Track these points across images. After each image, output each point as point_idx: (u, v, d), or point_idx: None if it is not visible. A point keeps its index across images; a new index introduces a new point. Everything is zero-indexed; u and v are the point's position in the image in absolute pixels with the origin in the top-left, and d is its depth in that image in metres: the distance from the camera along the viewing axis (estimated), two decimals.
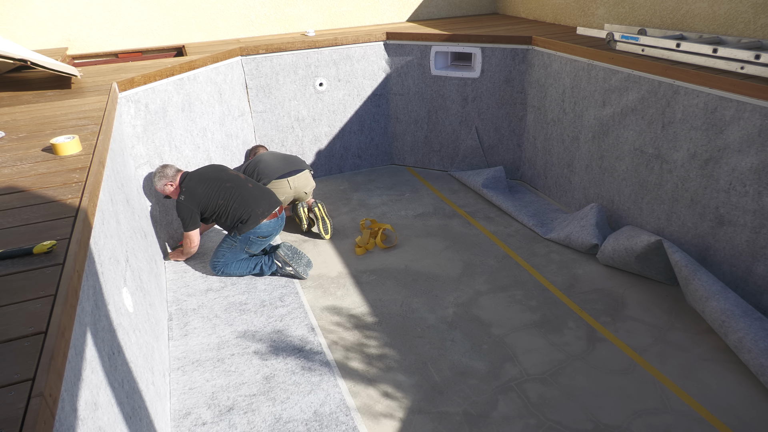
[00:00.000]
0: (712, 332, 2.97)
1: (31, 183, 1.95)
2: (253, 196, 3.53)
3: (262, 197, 3.56)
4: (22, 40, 4.35)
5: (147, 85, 3.57)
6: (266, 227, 3.52)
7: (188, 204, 3.43)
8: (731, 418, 2.44)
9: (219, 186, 3.50)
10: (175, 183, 3.54)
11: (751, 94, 2.75)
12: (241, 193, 3.51)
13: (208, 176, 3.54)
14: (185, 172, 3.60)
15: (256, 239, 3.53)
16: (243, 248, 3.56)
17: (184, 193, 3.45)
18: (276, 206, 3.59)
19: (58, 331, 1.18)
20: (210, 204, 3.47)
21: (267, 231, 3.54)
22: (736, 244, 3.00)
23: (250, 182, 3.62)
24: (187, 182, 3.49)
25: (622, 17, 4.39)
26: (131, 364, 1.97)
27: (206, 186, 3.49)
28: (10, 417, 0.96)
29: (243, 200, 3.48)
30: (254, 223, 3.47)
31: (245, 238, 3.52)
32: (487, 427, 2.44)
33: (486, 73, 4.68)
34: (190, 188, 3.47)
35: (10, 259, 1.47)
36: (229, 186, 3.51)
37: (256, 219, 3.47)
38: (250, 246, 3.56)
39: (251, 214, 3.47)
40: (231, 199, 3.48)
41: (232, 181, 3.54)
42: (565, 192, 4.43)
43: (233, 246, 3.56)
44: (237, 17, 5.03)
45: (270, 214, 3.53)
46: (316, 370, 2.79)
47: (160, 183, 3.52)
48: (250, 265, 3.61)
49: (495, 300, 3.32)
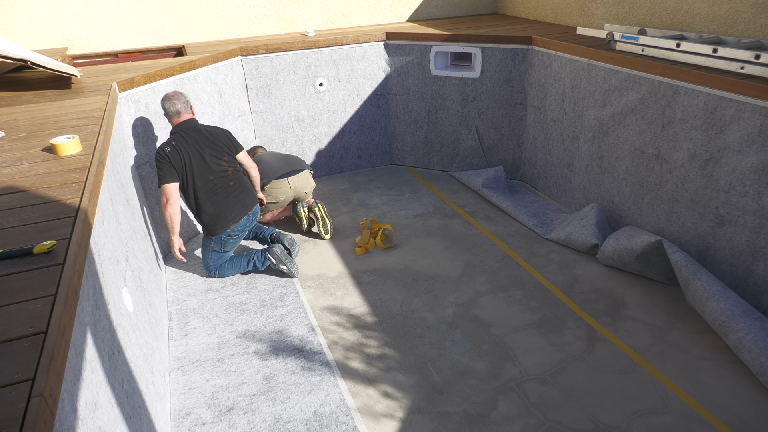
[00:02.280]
0: (712, 332, 2.97)
1: (31, 183, 1.95)
2: (229, 199, 3.42)
3: (237, 200, 3.46)
4: (22, 40, 4.36)
5: (147, 85, 3.57)
6: (237, 227, 3.48)
7: (166, 156, 3.21)
8: (731, 418, 2.44)
9: (199, 175, 3.31)
10: (171, 120, 3.36)
11: (751, 94, 2.75)
12: (218, 192, 3.37)
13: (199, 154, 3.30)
14: (186, 122, 3.36)
15: (228, 238, 3.50)
16: (221, 248, 3.52)
17: (168, 145, 3.24)
18: (249, 208, 3.53)
19: (58, 331, 1.18)
20: (184, 181, 3.29)
21: (237, 230, 3.49)
22: (736, 244, 3.00)
23: (232, 180, 3.45)
24: (178, 136, 3.28)
25: (622, 17, 4.39)
26: (131, 364, 1.97)
27: (189, 162, 3.27)
28: (10, 417, 0.96)
29: (217, 200, 3.37)
30: (224, 227, 3.43)
31: (218, 239, 3.48)
32: (487, 427, 2.44)
33: (486, 73, 4.68)
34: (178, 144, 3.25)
35: (10, 259, 1.47)
36: (212, 179, 3.35)
37: (226, 222, 3.42)
38: (225, 245, 3.52)
39: (225, 218, 3.41)
40: (207, 193, 3.34)
41: (214, 174, 3.36)
42: (565, 192, 4.43)
43: (211, 248, 3.52)
44: (237, 17, 5.03)
45: (241, 217, 3.47)
46: (316, 370, 2.79)
47: (182, 102, 3.34)
48: (242, 263, 3.60)
49: (495, 300, 3.32)
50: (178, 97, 3.36)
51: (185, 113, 3.39)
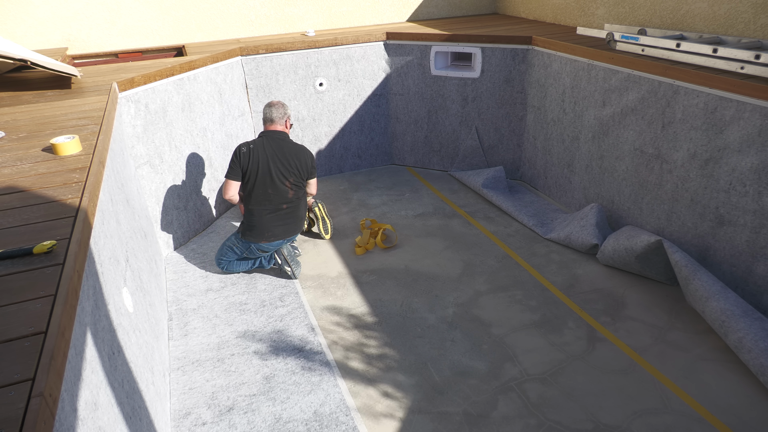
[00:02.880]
0: (712, 332, 2.97)
1: (31, 183, 1.95)
2: (275, 220, 3.46)
3: (282, 224, 3.49)
4: (22, 40, 4.36)
5: (147, 85, 3.57)
6: (268, 245, 3.52)
7: (236, 157, 3.35)
8: (731, 418, 2.44)
9: (262, 186, 3.38)
10: (264, 125, 3.53)
11: (751, 94, 2.75)
12: (268, 210, 3.43)
13: (267, 166, 3.38)
14: (274, 131, 3.47)
15: (256, 250, 3.54)
16: (243, 251, 3.57)
17: (246, 145, 3.37)
18: (290, 235, 3.55)
19: (58, 331, 1.18)
20: (246, 181, 3.39)
21: (268, 247, 3.53)
22: (736, 244, 3.00)
23: (287, 203, 3.48)
24: (260, 140, 3.42)
25: (622, 17, 4.39)
26: (131, 364, 1.97)
27: (258, 167, 3.36)
28: (10, 417, 0.96)
29: (264, 217, 3.43)
30: (258, 240, 3.47)
31: (246, 245, 3.53)
32: (487, 427, 2.44)
33: (486, 73, 4.68)
34: (254, 149, 3.37)
35: (10, 259, 1.47)
36: (270, 193, 3.41)
37: (261, 237, 3.46)
38: (249, 252, 3.57)
39: (261, 232, 3.45)
40: (259, 206, 3.42)
41: (273, 190, 3.41)
42: (565, 192, 4.43)
43: (235, 246, 3.56)
44: (237, 17, 5.03)
45: (277, 239, 3.50)
46: (316, 370, 2.79)
47: (279, 113, 3.49)
48: (249, 262, 3.64)
49: (495, 300, 3.32)
50: (278, 107, 3.51)
51: (278, 124, 3.52)
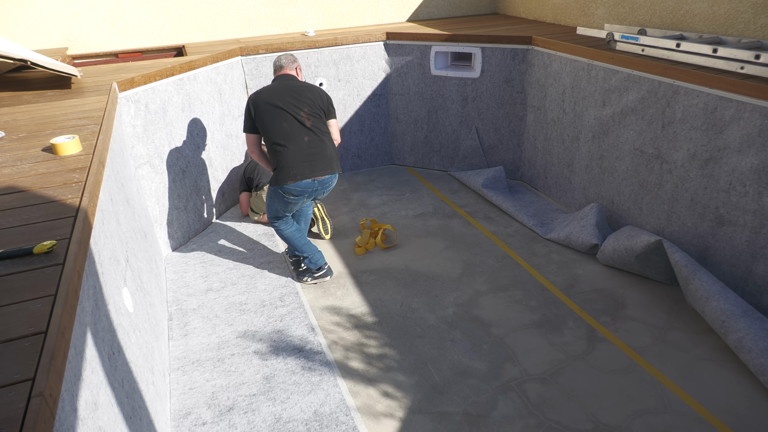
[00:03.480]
0: (712, 332, 2.97)
1: (31, 183, 1.95)
2: (297, 154, 3.18)
3: (306, 159, 3.20)
4: (22, 40, 4.35)
5: (147, 85, 3.57)
6: (295, 186, 3.21)
7: (249, 106, 3.25)
8: (731, 418, 2.44)
9: (275, 123, 3.20)
10: (274, 75, 3.45)
11: (751, 94, 2.75)
12: (288, 145, 3.18)
13: (279, 101, 3.22)
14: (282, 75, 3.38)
15: (283, 195, 3.26)
16: (277, 200, 3.32)
17: (254, 94, 3.26)
18: (318, 173, 3.22)
19: (58, 331, 1.18)
20: (262, 126, 3.23)
21: (296, 191, 3.23)
22: (736, 244, 3.00)
23: (308, 135, 3.22)
24: (270, 86, 3.30)
25: (622, 17, 4.39)
26: (131, 364, 1.97)
27: (268, 109, 3.20)
28: (10, 417, 0.96)
29: (285, 152, 3.17)
30: (285, 180, 3.18)
31: (275, 191, 3.28)
32: (487, 427, 2.44)
33: (486, 73, 4.68)
34: (260, 93, 3.25)
35: (10, 259, 1.47)
36: (284, 128, 3.18)
37: (287, 177, 3.18)
38: (279, 201, 3.30)
39: (287, 171, 3.17)
40: (281, 144, 3.18)
41: (288, 123, 3.19)
42: (565, 192, 4.43)
43: (271, 196, 3.36)
44: (237, 17, 5.03)
45: (304, 177, 3.20)
46: (316, 370, 2.79)
47: (288, 59, 3.44)
48: (304, 243, 3.50)
49: (495, 300, 3.32)
50: (287, 56, 3.46)
51: (287, 69, 3.42)
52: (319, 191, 3.33)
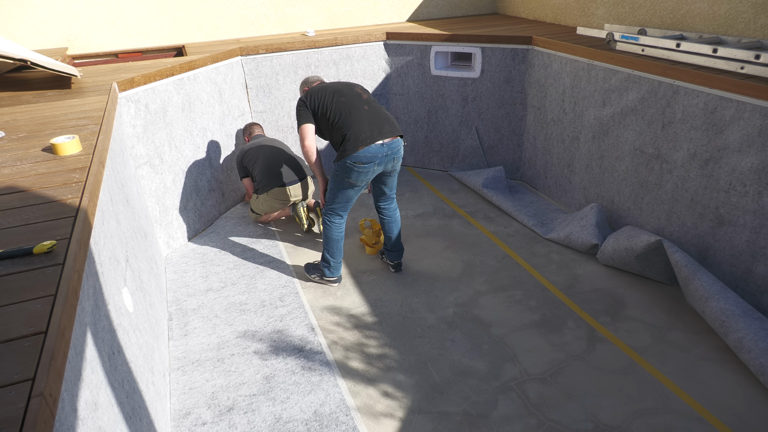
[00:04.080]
0: (712, 332, 2.97)
1: (31, 183, 1.95)
2: (362, 119, 3.14)
3: (370, 124, 3.13)
4: (22, 40, 4.36)
5: (147, 85, 3.57)
6: (366, 152, 3.07)
7: (302, 102, 3.32)
8: (731, 418, 2.44)
9: (333, 99, 3.23)
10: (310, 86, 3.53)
11: (751, 94, 2.75)
12: (351, 113, 3.15)
13: (331, 87, 3.32)
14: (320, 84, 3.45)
15: (353, 165, 3.10)
16: (344, 179, 3.18)
17: (304, 95, 3.38)
18: (386, 135, 3.13)
19: (58, 331, 1.18)
20: (319, 111, 3.26)
21: (366, 158, 3.08)
22: (736, 244, 3.00)
23: (367, 104, 3.23)
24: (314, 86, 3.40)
25: (622, 17, 4.39)
26: (131, 364, 1.97)
27: (323, 93, 3.29)
28: (10, 417, 0.96)
29: (350, 120, 3.13)
30: (353, 148, 3.06)
31: (343, 165, 3.13)
32: (487, 427, 2.44)
33: (486, 73, 4.68)
34: (311, 91, 3.35)
35: (10, 259, 1.47)
36: (341, 101, 3.19)
37: (357, 143, 3.07)
38: (349, 175, 3.15)
39: (356, 137, 3.08)
40: (340, 115, 3.16)
41: (348, 98, 3.22)
42: (565, 192, 4.43)
43: (337, 177, 3.22)
44: (237, 17, 5.03)
45: (374, 141, 3.09)
46: (316, 370, 2.79)
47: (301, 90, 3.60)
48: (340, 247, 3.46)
49: (495, 300, 3.32)
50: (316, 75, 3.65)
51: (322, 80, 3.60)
52: (389, 159, 3.19)
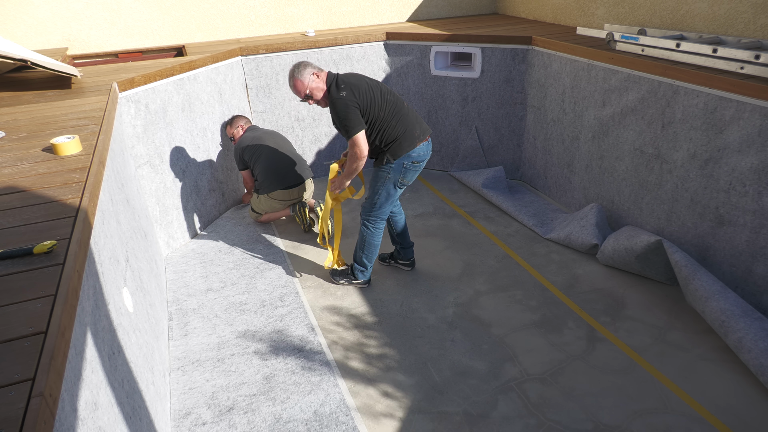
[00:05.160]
0: (712, 332, 2.97)
1: (31, 183, 1.95)
2: (410, 116, 3.08)
3: (417, 121, 3.11)
4: (22, 40, 4.36)
5: (147, 85, 3.57)
6: (421, 150, 3.07)
7: (351, 99, 2.90)
8: (731, 418, 2.44)
9: (381, 95, 3.00)
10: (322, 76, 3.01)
11: (751, 94, 2.75)
12: (401, 110, 3.05)
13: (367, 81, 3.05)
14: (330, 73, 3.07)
15: (411, 165, 3.07)
16: (398, 180, 3.10)
17: (345, 89, 2.92)
18: (427, 134, 3.13)
19: (58, 331, 1.18)
20: (369, 110, 2.96)
21: (422, 155, 3.09)
22: (736, 244, 3.00)
23: (405, 102, 3.13)
24: (344, 78, 3.00)
25: (622, 17, 4.39)
26: (131, 364, 1.97)
27: (368, 87, 2.99)
28: (10, 417, 0.96)
29: (402, 117, 3.03)
30: (410, 146, 3.00)
31: (399, 165, 3.04)
32: (487, 427, 2.44)
33: (486, 73, 4.68)
34: (350, 83, 2.95)
35: (10, 259, 1.47)
36: (390, 99, 3.03)
37: (412, 141, 3.01)
38: (404, 175, 3.09)
39: (411, 134, 3.02)
40: (391, 112, 3.01)
41: (391, 95, 3.07)
42: (565, 192, 4.43)
43: (387, 180, 3.08)
44: (237, 17, 5.03)
45: (424, 138, 3.09)
46: (316, 370, 2.79)
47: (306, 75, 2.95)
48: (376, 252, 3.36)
49: (495, 300, 3.32)
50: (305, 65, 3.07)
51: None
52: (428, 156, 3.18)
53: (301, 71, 2.96)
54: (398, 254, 3.63)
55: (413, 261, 3.65)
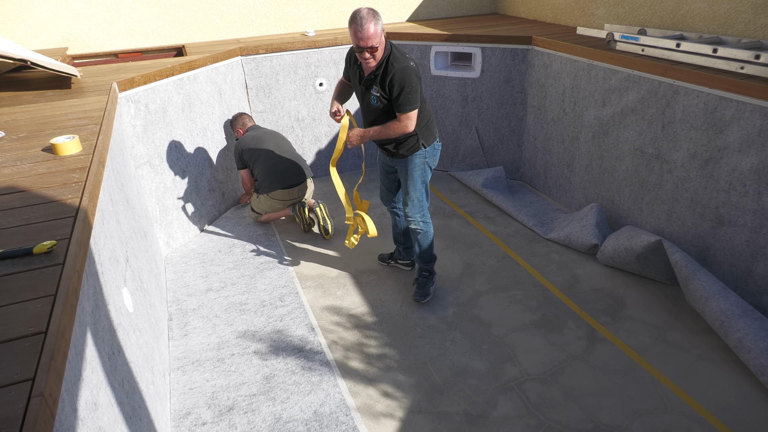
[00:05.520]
0: (712, 332, 2.97)
1: (31, 183, 1.95)
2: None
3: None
4: (22, 40, 4.36)
5: (147, 85, 3.57)
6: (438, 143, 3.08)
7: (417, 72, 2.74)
8: (731, 418, 2.44)
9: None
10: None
11: (751, 94, 2.75)
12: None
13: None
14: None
15: (438, 145, 3.03)
16: (430, 166, 3.03)
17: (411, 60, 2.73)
18: None
19: (58, 331, 1.18)
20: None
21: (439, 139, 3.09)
22: (736, 244, 3.00)
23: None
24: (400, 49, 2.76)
25: (622, 17, 4.39)
26: (131, 364, 1.97)
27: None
28: (10, 417, 0.96)
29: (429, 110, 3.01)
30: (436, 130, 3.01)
31: (432, 150, 2.98)
32: (487, 427, 2.44)
33: (486, 73, 4.68)
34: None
35: (10, 259, 1.47)
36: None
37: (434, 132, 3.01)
38: (436, 157, 3.04)
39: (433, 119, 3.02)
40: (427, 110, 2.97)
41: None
42: (565, 192, 4.43)
43: (424, 167, 2.97)
44: (237, 17, 5.03)
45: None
46: (316, 370, 2.79)
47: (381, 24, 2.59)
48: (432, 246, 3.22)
49: (495, 300, 3.32)
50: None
51: None
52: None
53: (379, 19, 2.57)
54: (399, 254, 3.64)
55: (413, 261, 3.65)
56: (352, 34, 2.58)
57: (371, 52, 2.62)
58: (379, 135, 2.86)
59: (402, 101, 2.70)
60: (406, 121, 2.76)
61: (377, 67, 2.72)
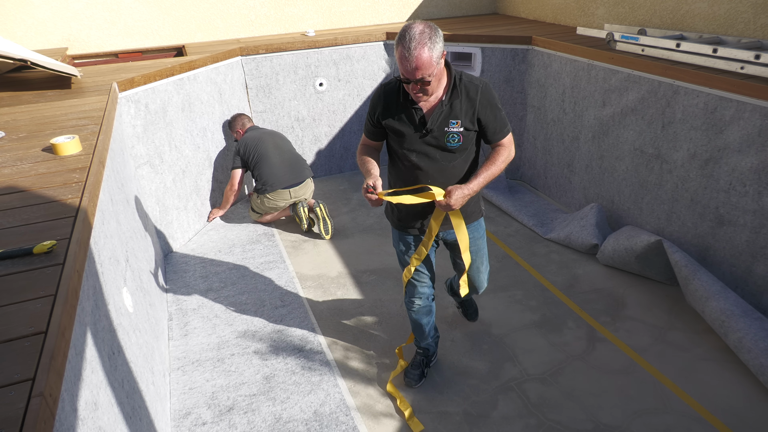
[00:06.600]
0: (712, 332, 2.97)
1: (31, 183, 1.95)
2: None
3: None
4: (22, 40, 4.36)
5: (147, 85, 3.57)
6: None
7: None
8: (731, 418, 2.44)
9: None
10: None
11: (751, 94, 2.75)
12: None
13: None
14: None
15: None
16: None
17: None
18: None
19: (58, 331, 1.18)
20: None
21: None
22: (736, 244, 3.00)
23: None
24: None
25: (622, 17, 4.39)
26: (131, 364, 1.97)
27: None
28: (10, 417, 0.96)
29: None
30: None
31: None
32: (487, 427, 2.44)
33: (486, 73, 4.67)
34: None
35: (10, 259, 1.47)
36: None
37: None
38: None
39: None
40: None
41: None
42: (565, 192, 4.43)
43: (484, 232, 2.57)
44: (237, 17, 5.03)
45: None
46: (316, 370, 2.79)
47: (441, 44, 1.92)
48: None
49: (495, 300, 3.32)
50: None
51: None
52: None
53: (436, 41, 1.88)
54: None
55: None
56: (397, 59, 1.90)
57: (423, 86, 1.95)
58: (489, 179, 2.15)
59: (500, 122, 2.13)
60: (510, 146, 2.18)
61: (447, 93, 2.06)
